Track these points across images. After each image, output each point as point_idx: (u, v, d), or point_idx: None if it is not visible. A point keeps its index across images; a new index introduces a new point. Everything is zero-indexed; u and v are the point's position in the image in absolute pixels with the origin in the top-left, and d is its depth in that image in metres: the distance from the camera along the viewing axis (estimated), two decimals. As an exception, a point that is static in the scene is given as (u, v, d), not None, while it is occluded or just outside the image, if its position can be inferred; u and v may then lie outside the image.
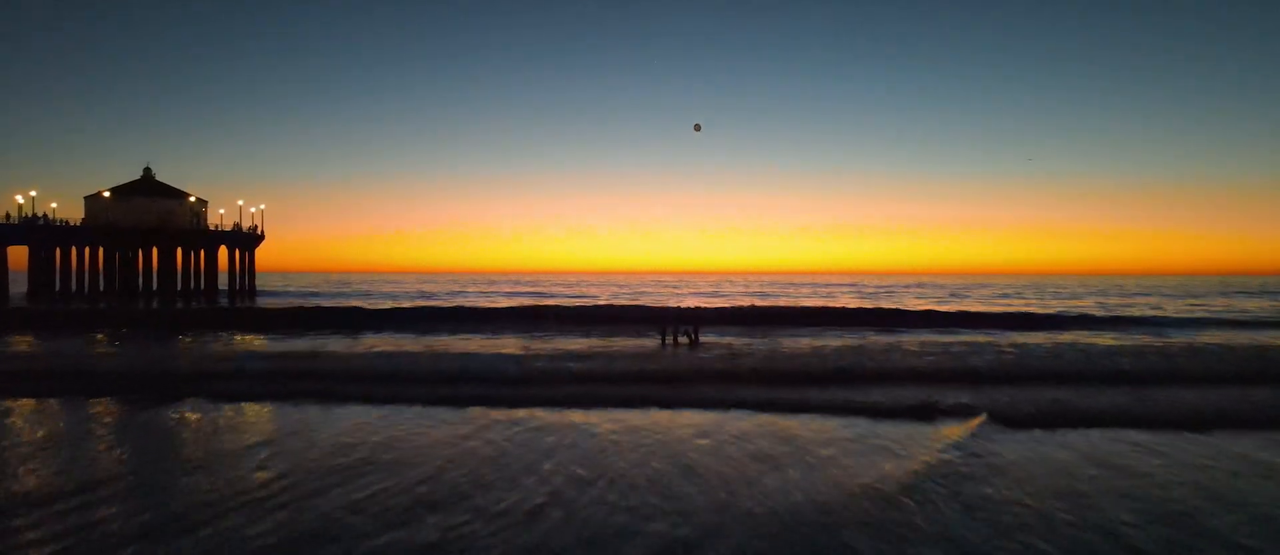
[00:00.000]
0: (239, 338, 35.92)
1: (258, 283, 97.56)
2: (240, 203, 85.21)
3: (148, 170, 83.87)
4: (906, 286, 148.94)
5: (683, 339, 31.77)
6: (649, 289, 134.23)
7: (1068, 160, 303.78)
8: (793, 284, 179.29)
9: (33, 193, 73.41)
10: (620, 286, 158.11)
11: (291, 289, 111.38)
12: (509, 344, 32.91)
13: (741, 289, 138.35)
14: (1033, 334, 38.67)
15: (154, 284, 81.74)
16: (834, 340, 34.34)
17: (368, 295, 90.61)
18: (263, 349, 30.78)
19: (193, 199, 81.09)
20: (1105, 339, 36.30)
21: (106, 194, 76.72)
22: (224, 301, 71.73)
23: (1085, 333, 41.09)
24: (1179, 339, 36.45)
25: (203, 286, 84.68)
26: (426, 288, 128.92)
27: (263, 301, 68.21)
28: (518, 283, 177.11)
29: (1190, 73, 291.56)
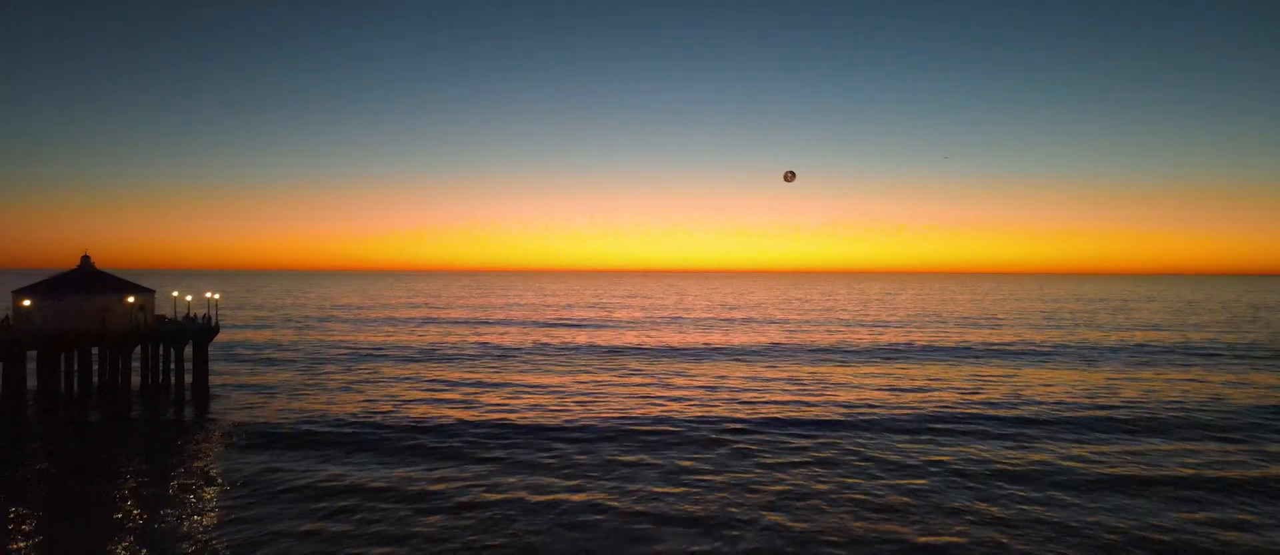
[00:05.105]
0: None
1: (233, 299, 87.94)
2: (189, 298, 75.76)
3: (86, 259, 74.36)
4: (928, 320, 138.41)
5: None
6: (642, 305, 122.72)
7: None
8: (808, 284, 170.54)
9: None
10: (627, 303, 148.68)
11: (259, 368, 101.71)
12: None
13: (766, 300, 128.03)
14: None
15: (93, 388, 72.68)
16: None
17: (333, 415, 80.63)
18: None
19: (132, 300, 71.26)
20: None
21: (26, 303, 66.95)
22: (170, 416, 62.05)
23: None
24: None
25: (153, 381, 75.52)
26: (402, 311, 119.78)
27: (201, 445, 58.21)
28: (528, 298, 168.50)
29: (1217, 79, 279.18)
